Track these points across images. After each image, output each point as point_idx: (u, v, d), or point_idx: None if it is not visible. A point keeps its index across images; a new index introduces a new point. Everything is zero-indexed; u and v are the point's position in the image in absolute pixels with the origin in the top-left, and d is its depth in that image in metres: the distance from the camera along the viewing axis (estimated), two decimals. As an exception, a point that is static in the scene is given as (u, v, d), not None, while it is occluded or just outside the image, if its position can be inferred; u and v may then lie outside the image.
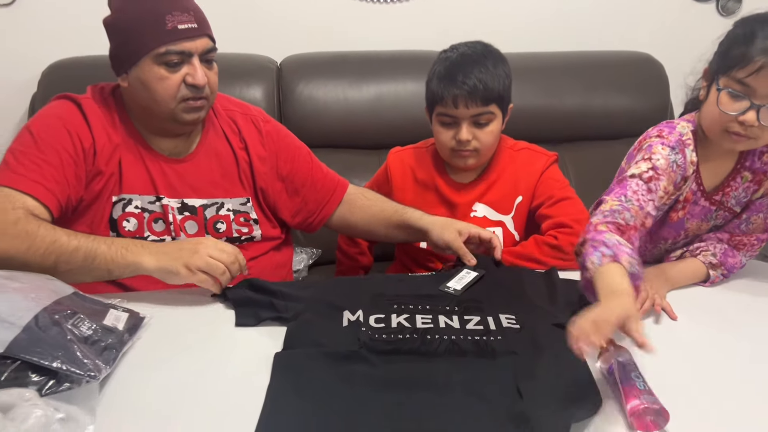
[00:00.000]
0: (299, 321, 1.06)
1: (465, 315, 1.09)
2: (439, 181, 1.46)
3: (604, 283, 0.97)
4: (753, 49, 1.08)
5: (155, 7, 1.21)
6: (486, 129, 1.35)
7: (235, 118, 1.41)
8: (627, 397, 0.85)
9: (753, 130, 1.11)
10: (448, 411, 0.85)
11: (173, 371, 0.95)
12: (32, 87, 1.99)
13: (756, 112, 1.09)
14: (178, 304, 1.14)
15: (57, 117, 1.26)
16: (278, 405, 0.86)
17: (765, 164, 1.24)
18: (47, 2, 2.07)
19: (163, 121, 1.28)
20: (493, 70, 1.33)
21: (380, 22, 2.27)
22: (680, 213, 1.28)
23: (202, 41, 1.24)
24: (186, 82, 1.23)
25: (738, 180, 1.26)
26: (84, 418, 0.71)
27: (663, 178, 1.17)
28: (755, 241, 1.29)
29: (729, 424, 0.85)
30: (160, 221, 1.29)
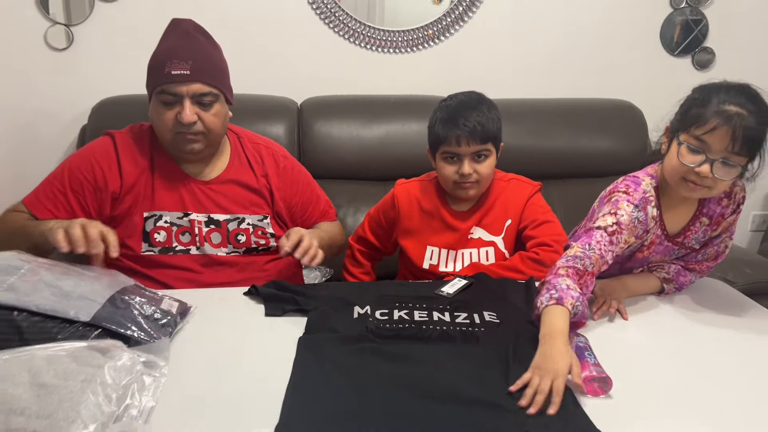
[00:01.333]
0: (318, 312, 1.28)
1: (455, 312, 1.30)
2: (443, 210, 1.65)
3: (545, 321, 1.15)
4: (708, 112, 1.24)
5: (163, 56, 1.48)
6: (484, 163, 1.57)
7: (261, 152, 1.66)
8: (580, 369, 1.07)
9: (707, 180, 1.26)
10: (437, 379, 1.05)
11: (217, 347, 1.16)
12: (83, 120, 2.24)
13: (710, 165, 1.24)
14: (217, 299, 1.37)
15: (91, 153, 1.54)
16: (303, 374, 1.07)
17: (722, 209, 1.41)
18: (97, 48, 2.34)
19: (170, 148, 1.53)
20: (487, 114, 1.56)
21: (388, 71, 2.50)
22: (645, 253, 1.46)
23: (194, 86, 1.45)
24: (177, 119, 1.47)
25: (697, 225, 1.42)
26: (160, 362, 0.93)
27: (625, 232, 1.33)
28: (705, 268, 1.49)
29: (660, 392, 1.06)
30: (187, 233, 1.52)
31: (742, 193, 1.42)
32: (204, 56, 1.49)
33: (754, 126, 1.22)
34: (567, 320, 1.14)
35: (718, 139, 1.23)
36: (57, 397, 0.78)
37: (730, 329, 1.31)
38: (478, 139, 1.54)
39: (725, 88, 1.28)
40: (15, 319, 1.01)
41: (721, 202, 1.41)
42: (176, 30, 1.51)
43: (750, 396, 1.06)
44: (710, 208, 1.41)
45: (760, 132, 1.24)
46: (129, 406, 0.83)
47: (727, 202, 1.41)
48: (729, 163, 1.24)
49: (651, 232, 1.41)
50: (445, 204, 1.66)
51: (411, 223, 1.67)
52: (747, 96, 1.25)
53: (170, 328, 1.15)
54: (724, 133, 1.22)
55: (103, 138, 1.58)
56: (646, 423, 0.98)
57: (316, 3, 2.40)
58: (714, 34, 2.59)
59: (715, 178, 1.26)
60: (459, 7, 2.47)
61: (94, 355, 0.89)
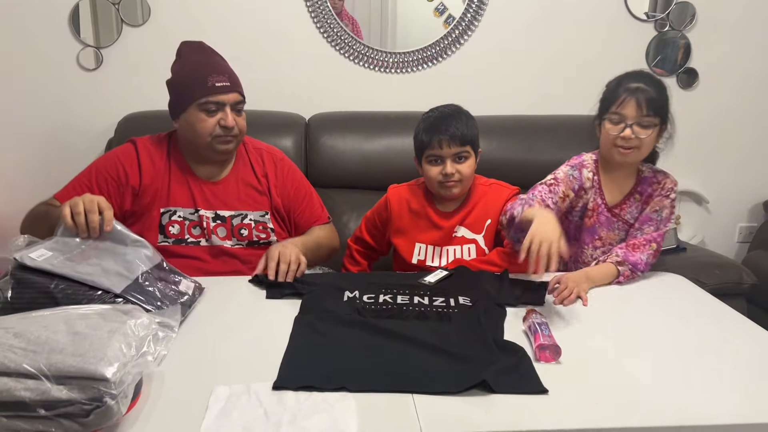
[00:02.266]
0: (311, 295, 1.46)
1: (433, 297, 1.47)
2: (429, 210, 1.83)
3: (529, 214, 1.49)
4: (619, 90, 1.67)
5: (201, 70, 1.68)
6: (464, 164, 1.74)
7: (262, 156, 1.86)
8: (535, 340, 1.23)
9: (632, 141, 1.64)
10: (410, 341, 1.22)
11: (224, 323, 1.35)
12: (110, 133, 2.46)
13: (630, 129, 1.63)
14: (224, 284, 1.55)
15: (114, 155, 1.76)
16: (298, 342, 1.24)
17: (652, 191, 1.73)
18: (124, 68, 2.57)
19: (203, 151, 1.72)
20: (465, 121, 1.75)
21: (389, 89, 2.70)
22: (591, 220, 1.77)
23: (232, 95, 1.69)
24: (219, 124, 1.68)
25: (632, 200, 1.75)
26: (172, 323, 1.11)
27: (561, 184, 1.73)
28: (644, 241, 1.69)
29: (600, 361, 1.21)
30: (197, 227, 1.72)
31: (671, 185, 1.73)
32: (231, 70, 1.73)
33: (653, 93, 1.63)
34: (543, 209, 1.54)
35: (629, 108, 1.64)
36: (88, 342, 0.96)
37: (675, 315, 1.46)
38: (458, 142, 1.72)
39: (626, 75, 1.71)
40: (52, 290, 1.21)
41: (652, 185, 1.74)
42: (198, 49, 1.73)
43: (674, 370, 1.21)
44: (643, 187, 1.75)
45: (659, 97, 1.65)
46: (145, 353, 1.00)
47: (657, 187, 1.73)
48: (643, 124, 1.63)
49: (591, 197, 1.76)
50: (432, 205, 1.83)
51: (401, 223, 1.84)
52: (643, 75, 1.69)
53: (186, 306, 1.33)
54: (633, 102, 1.63)
55: (126, 144, 1.79)
56: (586, 385, 1.13)
57: (324, 27, 2.61)
58: (697, 55, 2.75)
59: (637, 138, 1.64)
60: (456, 30, 2.66)
61: (118, 314, 1.07)
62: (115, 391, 0.91)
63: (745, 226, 2.97)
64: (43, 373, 0.90)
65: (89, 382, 0.91)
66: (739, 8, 2.72)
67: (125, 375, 0.94)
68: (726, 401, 1.09)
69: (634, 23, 2.71)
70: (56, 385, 0.90)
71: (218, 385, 1.06)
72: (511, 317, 1.38)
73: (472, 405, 1.05)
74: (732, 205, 2.94)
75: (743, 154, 2.89)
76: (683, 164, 2.85)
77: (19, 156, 2.59)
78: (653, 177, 1.74)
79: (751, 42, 2.76)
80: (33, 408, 0.88)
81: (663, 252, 2.15)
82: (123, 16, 2.52)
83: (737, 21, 2.73)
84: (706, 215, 2.95)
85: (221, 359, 1.18)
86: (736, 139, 2.87)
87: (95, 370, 0.91)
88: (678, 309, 1.50)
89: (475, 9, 2.65)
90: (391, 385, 1.09)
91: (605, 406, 1.06)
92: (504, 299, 1.46)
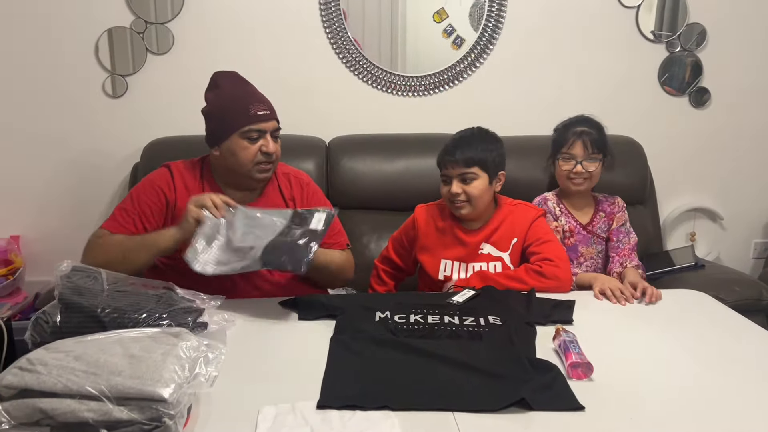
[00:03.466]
0: (345, 316, 1.50)
1: (463, 316, 1.50)
2: (455, 227, 1.88)
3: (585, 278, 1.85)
4: (567, 135, 2.08)
5: (242, 100, 1.74)
6: (471, 185, 1.80)
7: (290, 180, 1.91)
8: (567, 358, 1.26)
9: (583, 174, 2.04)
10: (450, 367, 1.25)
11: (262, 344, 1.39)
12: (135, 158, 2.51)
13: (580, 165, 2.03)
14: (257, 306, 1.59)
15: (151, 181, 1.81)
16: (336, 362, 1.28)
17: (611, 208, 2.13)
18: (149, 95, 2.63)
19: (242, 178, 1.78)
20: (477, 144, 1.82)
21: (408, 112, 2.75)
22: (571, 240, 2.10)
23: (272, 123, 1.76)
24: (261, 151, 1.73)
25: (598, 217, 2.13)
26: (219, 345, 1.15)
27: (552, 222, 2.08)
28: (629, 250, 2.08)
29: (630, 378, 1.25)
30: None
31: (622, 202, 2.17)
32: (268, 99, 1.79)
33: (596, 135, 2.05)
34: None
35: (577, 149, 2.05)
36: (144, 364, 1.00)
37: (701, 331, 1.49)
38: (461, 164, 1.79)
39: (570, 121, 2.12)
40: (99, 315, 1.25)
41: (610, 205, 2.15)
42: (235, 79, 1.79)
43: (706, 384, 1.24)
44: (603, 206, 2.15)
45: (600, 137, 2.06)
46: (198, 374, 1.05)
47: (615, 206, 2.15)
48: (590, 160, 2.04)
49: (564, 222, 2.10)
50: (457, 222, 1.89)
51: (428, 240, 1.90)
52: (585, 120, 2.10)
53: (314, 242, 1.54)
54: (580, 143, 2.05)
55: (161, 168, 1.84)
56: (618, 401, 1.16)
57: (343, 54, 2.67)
58: (708, 74, 2.80)
59: (587, 172, 2.04)
60: (472, 53, 2.73)
61: (168, 337, 1.11)
62: (172, 411, 0.95)
63: (760, 242, 3.00)
64: (105, 395, 0.94)
65: (148, 403, 0.95)
66: (748, 28, 2.78)
67: (181, 396, 0.98)
68: (754, 415, 1.12)
69: (645, 44, 2.76)
70: (117, 406, 0.94)
71: (265, 405, 1.10)
72: (541, 335, 1.42)
73: (512, 422, 1.08)
74: (746, 221, 2.97)
75: (756, 171, 2.93)
76: (697, 181, 2.91)
77: (47, 182, 2.65)
78: (606, 199, 2.16)
79: (762, 60, 2.81)
80: (96, 428, 0.93)
81: (681, 269, 2.20)
82: (147, 45, 2.59)
83: (747, 40, 2.79)
84: (721, 232, 2.98)
85: (263, 379, 1.22)
86: (749, 156, 2.91)
87: (153, 392, 0.95)
88: (703, 325, 1.53)
89: (490, 34, 2.71)
90: (431, 402, 1.12)
91: (640, 422, 1.10)
92: (533, 318, 1.49)
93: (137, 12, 2.55)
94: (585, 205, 2.15)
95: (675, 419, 1.10)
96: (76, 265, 1.40)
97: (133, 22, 2.56)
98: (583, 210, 2.14)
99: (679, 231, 2.96)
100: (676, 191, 2.90)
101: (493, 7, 2.69)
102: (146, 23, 2.57)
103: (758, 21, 2.77)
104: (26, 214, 2.67)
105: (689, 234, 2.96)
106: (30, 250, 2.67)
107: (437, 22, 2.72)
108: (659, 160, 2.70)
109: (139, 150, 2.49)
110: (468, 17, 2.71)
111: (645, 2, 2.71)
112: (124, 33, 2.57)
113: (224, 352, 1.13)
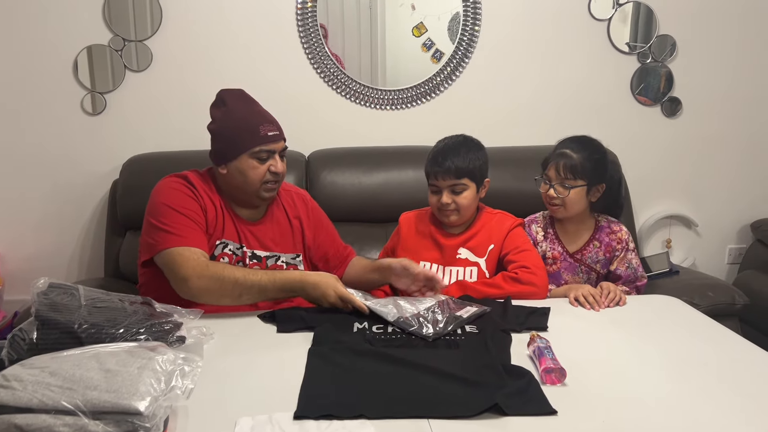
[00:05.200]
0: (323, 328, 1.51)
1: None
2: (434, 231, 1.92)
3: (560, 291, 1.81)
4: (552, 155, 1.92)
5: (252, 120, 1.73)
6: (461, 195, 1.84)
7: (294, 198, 1.93)
8: (540, 363, 1.28)
9: (556, 200, 1.88)
10: (426, 375, 1.26)
11: (240, 356, 1.39)
12: (115, 175, 2.52)
13: (553, 189, 1.88)
14: (236, 320, 1.60)
15: (178, 190, 1.71)
16: (314, 372, 1.28)
17: (611, 241, 1.93)
18: (128, 111, 2.64)
19: (249, 197, 1.77)
20: (465, 154, 1.84)
21: (387, 125, 2.79)
22: (554, 267, 1.95)
23: (281, 143, 1.77)
24: (270, 170, 1.73)
25: (591, 246, 1.94)
26: (196, 358, 1.16)
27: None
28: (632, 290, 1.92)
29: (603, 382, 1.27)
30: (240, 263, 1.75)
31: (626, 236, 1.94)
32: (275, 118, 1.78)
33: (576, 159, 1.85)
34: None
35: (552, 172, 1.90)
36: (120, 378, 1.01)
37: (673, 336, 1.52)
38: (452, 176, 1.82)
39: (564, 140, 1.94)
40: (76, 330, 1.25)
41: (609, 234, 1.94)
42: (242, 98, 1.77)
43: (677, 389, 1.27)
44: (600, 236, 1.95)
45: (582, 162, 1.85)
46: (174, 387, 1.05)
47: (614, 237, 1.94)
48: (564, 186, 1.86)
49: (547, 247, 1.96)
50: (438, 227, 1.94)
51: (408, 243, 1.95)
52: (573, 142, 1.91)
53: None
54: (554, 167, 1.89)
55: (174, 179, 1.75)
56: (591, 405, 1.19)
57: (321, 69, 2.70)
58: (679, 84, 2.86)
59: (559, 197, 1.87)
60: (448, 66, 2.77)
61: (145, 351, 1.11)
62: (148, 424, 0.96)
63: (734, 248, 3.06)
64: (80, 409, 0.95)
65: (124, 417, 0.95)
66: (716, 38, 2.85)
67: (157, 408, 0.99)
68: (727, 418, 1.14)
69: (617, 55, 2.82)
70: (93, 420, 0.94)
71: (241, 416, 1.11)
72: (516, 342, 1.44)
73: (486, 427, 1.10)
74: (721, 227, 3.03)
75: (730, 178, 2.99)
76: (672, 189, 2.97)
77: (26, 200, 2.65)
78: (608, 227, 1.94)
79: (730, 70, 2.88)
80: (71, 443, 0.93)
81: (657, 275, 2.25)
82: (126, 62, 2.60)
83: (715, 50, 2.86)
84: (696, 238, 3.03)
85: (241, 391, 1.23)
86: (721, 164, 2.97)
87: (129, 405, 0.96)
88: (675, 330, 1.56)
89: (465, 47, 2.75)
90: (407, 410, 1.13)
91: (612, 425, 1.12)
92: (509, 325, 1.52)
93: (115, 30, 2.57)
94: (578, 231, 1.95)
95: (647, 423, 1.12)
96: (53, 282, 1.39)
97: (111, 39, 2.58)
98: (575, 235, 1.96)
99: (654, 238, 3.01)
100: (651, 199, 2.95)
101: (468, 21, 2.74)
102: (124, 41, 2.58)
103: (725, 32, 2.84)
104: (5, 232, 2.66)
105: (665, 241, 3.01)
106: (9, 269, 2.65)
107: (416, 37, 2.77)
108: (634, 169, 2.75)
109: (118, 167, 2.51)
110: (447, 31, 2.76)
111: (616, 15, 2.78)
112: (103, 51, 2.59)
113: (201, 365, 1.14)
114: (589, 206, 1.93)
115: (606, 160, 1.91)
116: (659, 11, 2.79)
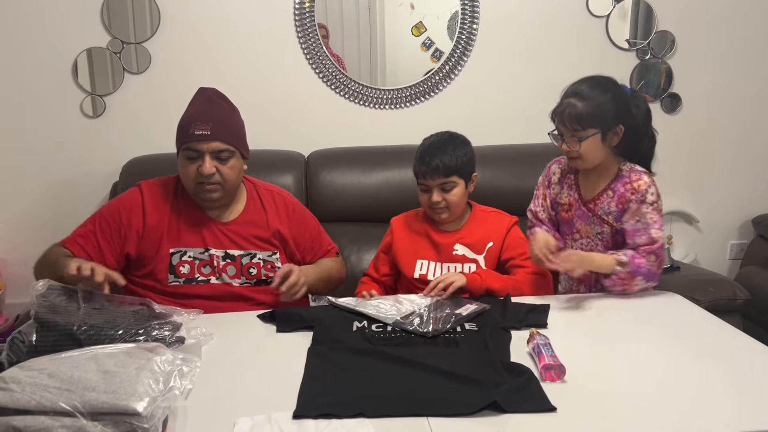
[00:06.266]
0: (322, 327, 1.51)
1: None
2: (430, 230, 1.92)
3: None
4: (557, 108, 1.74)
5: (189, 118, 1.74)
6: (451, 192, 1.84)
7: (275, 198, 1.93)
8: (540, 360, 1.28)
9: (571, 152, 1.72)
10: (426, 373, 1.26)
11: (239, 357, 1.39)
12: (115, 177, 2.52)
13: (566, 144, 1.72)
14: (236, 320, 1.60)
15: (119, 201, 1.83)
16: (313, 371, 1.29)
17: (626, 191, 1.73)
18: (127, 114, 2.64)
19: (192, 196, 1.79)
20: (452, 152, 1.83)
21: (385, 125, 2.79)
22: (569, 213, 1.86)
23: (214, 144, 1.71)
24: (198, 171, 1.72)
25: (604, 196, 1.78)
26: (194, 358, 1.16)
27: (540, 188, 1.94)
28: (644, 253, 1.69)
29: (602, 378, 1.27)
30: (207, 266, 1.76)
31: (645, 187, 1.72)
32: (223, 119, 1.75)
33: (580, 108, 1.67)
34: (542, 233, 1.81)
35: (560, 126, 1.74)
36: (118, 379, 1.01)
37: (674, 332, 1.52)
38: (441, 174, 1.82)
39: (571, 85, 1.76)
40: (75, 332, 1.26)
41: (624, 184, 1.75)
42: (201, 97, 1.79)
43: (677, 385, 1.26)
44: (616, 185, 1.76)
45: (586, 110, 1.67)
46: (173, 387, 1.05)
47: (630, 187, 1.73)
48: (575, 138, 1.70)
49: (564, 191, 1.87)
50: (432, 225, 1.94)
51: (403, 243, 1.94)
52: (583, 83, 1.73)
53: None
54: (560, 120, 1.72)
55: (132, 188, 1.85)
56: (591, 402, 1.18)
57: (320, 70, 2.70)
58: (678, 80, 2.85)
59: (574, 149, 1.71)
60: (447, 65, 2.77)
61: (143, 352, 1.12)
62: (147, 425, 0.96)
63: (735, 244, 3.05)
64: (79, 411, 0.95)
65: (122, 417, 0.96)
66: (716, 34, 2.84)
67: (155, 409, 0.99)
68: (728, 412, 1.14)
69: (617, 52, 2.82)
70: (91, 422, 0.94)
71: (241, 416, 1.11)
72: (516, 339, 1.44)
73: (485, 425, 1.10)
74: (722, 223, 3.02)
75: (730, 174, 2.98)
76: (672, 186, 2.95)
77: (27, 203, 2.66)
78: (628, 176, 1.74)
79: (730, 65, 2.87)
80: (70, 444, 0.93)
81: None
82: (125, 65, 2.61)
83: (715, 46, 2.85)
84: (698, 234, 3.03)
85: (240, 391, 1.23)
86: (722, 160, 2.97)
87: (127, 406, 0.96)
88: (676, 326, 1.55)
89: (464, 45, 2.75)
90: (406, 409, 1.13)
91: (612, 422, 1.11)
92: (508, 323, 1.51)
93: (114, 32, 2.57)
94: (599, 178, 1.78)
95: (647, 420, 1.12)
96: (52, 284, 1.40)
97: (109, 42, 2.58)
98: (595, 183, 1.79)
99: (656, 235, 3.00)
100: (652, 195, 2.94)
101: (466, 19, 2.73)
102: (123, 43, 2.58)
103: (724, 27, 2.84)
104: (6, 235, 2.67)
105: (666, 237, 3.00)
106: (10, 273, 2.66)
107: (416, 36, 2.76)
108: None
109: (118, 169, 2.51)
110: (446, 30, 2.76)
111: (615, 11, 2.77)
112: (102, 53, 2.59)
113: (199, 365, 1.14)
114: (612, 152, 1.75)
115: (620, 99, 1.71)
116: (658, 7, 2.78)
